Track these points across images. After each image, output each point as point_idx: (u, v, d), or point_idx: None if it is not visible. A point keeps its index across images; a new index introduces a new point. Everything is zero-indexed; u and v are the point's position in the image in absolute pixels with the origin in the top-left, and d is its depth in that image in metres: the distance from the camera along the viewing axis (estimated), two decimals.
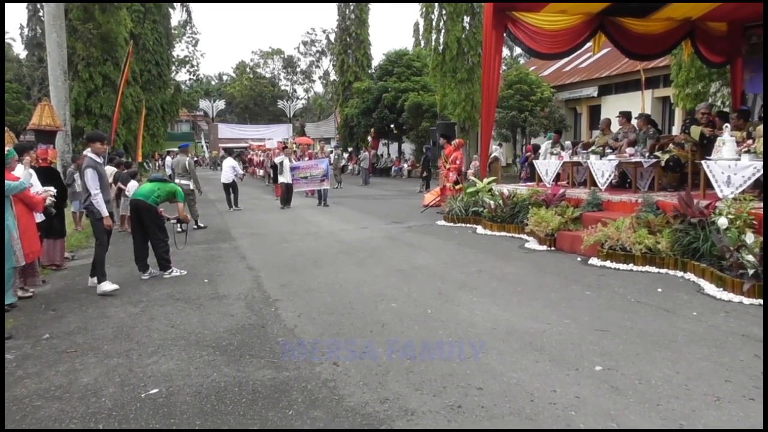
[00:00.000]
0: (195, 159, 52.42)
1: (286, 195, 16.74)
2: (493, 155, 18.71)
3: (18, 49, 45.10)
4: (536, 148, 16.46)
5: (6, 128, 10.62)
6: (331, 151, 30.22)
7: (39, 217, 7.61)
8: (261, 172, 30.92)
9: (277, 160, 18.25)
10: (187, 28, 56.63)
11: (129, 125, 21.47)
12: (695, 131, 9.56)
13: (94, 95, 19.52)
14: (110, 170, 12.90)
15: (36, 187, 7.28)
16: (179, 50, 57.08)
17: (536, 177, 12.88)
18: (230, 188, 16.84)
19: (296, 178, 16.83)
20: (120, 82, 16.77)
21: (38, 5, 31.60)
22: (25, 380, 4.31)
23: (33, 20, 37.03)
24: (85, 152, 7.28)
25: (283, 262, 8.68)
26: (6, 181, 6.16)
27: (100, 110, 19.43)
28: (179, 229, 8.43)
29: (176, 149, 18.00)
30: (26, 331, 5.53)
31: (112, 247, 10.48)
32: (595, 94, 23.29)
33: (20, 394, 4.06)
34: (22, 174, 6.49)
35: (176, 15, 48.40)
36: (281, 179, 16.97)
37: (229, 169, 17.15)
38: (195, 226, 12.38)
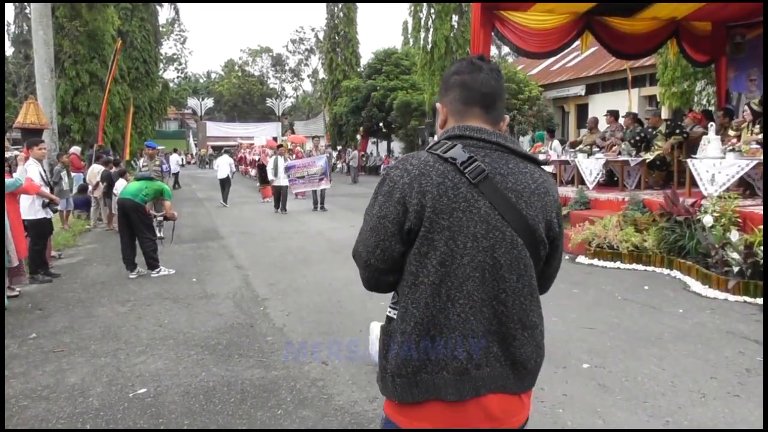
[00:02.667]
0: (182, 158, 52.04)
1: (280, 198, 15.21)
2: None
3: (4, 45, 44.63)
4: None
5: None
6: (311, 150, 30.07)
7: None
8: (254, 172, 30.69)
9: (270, 161, 17.02)
10: (175, 25, 56.24)
11: (116, 123, 21.28)
12: (665, 144, 9.75)
13: (80, 93, 19.32)
14: (97, 168, 12.83)
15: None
16: (167, 48, 56.66)
17: None
18: (224, 184, 17.68)
19: (292, 178, 15.11)
20: (107, 80, 16.62)
21: (25, 2, 31.33)
22: (11, 380, 4.27)
23: (19, 17, 36.60)
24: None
25: (271, 260, 8.66)
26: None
27: (87, 108, 19.22)
28: (160, 235, 8.27)
29: (162, 147, 18.17)
30: (12, 331, 5.48)
31: (98, 246, 10.46)
32: (583, 92, 23.40)
33: (7, 394, 4.03)
34: (18, 171, 6.46)
35: (164, 13, 48.07)
36: (276, 181, 15.28)
37: (226, 165, 18.14)
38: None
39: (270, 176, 15.60)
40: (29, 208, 7.41)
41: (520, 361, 1.64)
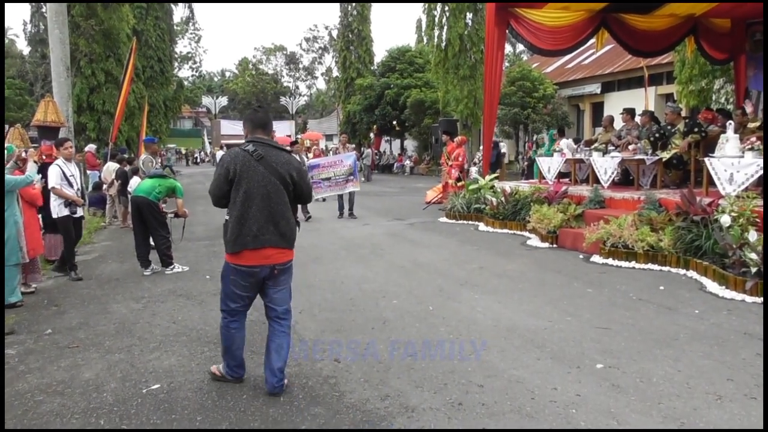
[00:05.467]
0: (191, 155, 51.98)
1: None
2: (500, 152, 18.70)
3: (21, 45, 45.19)
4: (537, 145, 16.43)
5: (18, 127, 10.62)
6: (336, 148, 29.92)
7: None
8: None
9: None
10: (190, 24, 56.61)
11: (131, 121, 21.45)
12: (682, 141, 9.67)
13: (96, 91, 19.49)
14: (113, 167, 12.94)
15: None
16: (182, 47, 57.06)
17: (539, 174, 12.88)
18: None
19: (316, 180, 12.98)
20: (124, 79, 16.72)
21: (41, 2, 31.61)
22: (27, 375, 4.32)
23: (36, 16, 36.97)
24: None
25: None
26: (11, 176, 6.20)
27: (103, 106, 19.40)
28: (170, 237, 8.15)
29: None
30: (28, 327, 5.54)
31: (113, 243, 10.54)
32: (598, 90, 23.24)
33: (22, 389, 4.07)
34: (29, 168, 6.51)
35: (179, 11, 48.41)
36: None
37: None
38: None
39: None
40: (54, 207, 7.52)
41: (283, 233, 3.83)
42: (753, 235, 6.31)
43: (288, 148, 4.10)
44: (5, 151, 6.52)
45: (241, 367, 4.08)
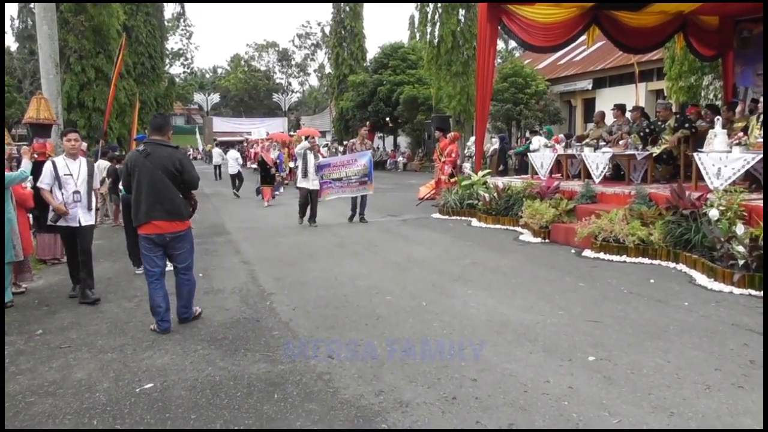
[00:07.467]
0: (189, 153, 51.91)
1: (307, 205, 11.89)
2: (493, 148, 18.74)
3: (9, 41, 44.78)
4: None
5: None
6: (326, 144, 29.81)
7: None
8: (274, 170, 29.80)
9: (298, 157, 12.28)
10: (181, 20, 56.30)
11: (122, 119, 21.28)
12: (672, 136, 9.75)
13: (86, 88, 19.32)
14: (104, 164, 12.87)
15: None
16: (173, 43, 56.68)
17: (530, 169, 12.94)
18: (236, 178, 19.72)
19: (326, 180, 11.96)
20: (113, 75, 16.62)
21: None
22: (18, 376, 4.30)
23: (24, 12, 36.65)
24: None
25: (278, 255, 8.68)
26: (7, 173, 6.17)
27: (93, 103, 19.24)
28: None
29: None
30: (19, 327, 5.51)
31: (104, 241, 10.50)
32: (590, 87, 23.30)
33: (13, 390, 4.05)
34: (23, 164, 6.48)
35: (170, 8, 48.14)
36: (304, 183, 11.84)
37: (234, 161, 19.88)
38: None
39: (299, 180, 12.05)
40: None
41: (168, 210, 5.19)
42: (740, 229, 6.37)
43: (174, 144, 5.43)
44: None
45: (164, 321, 5.26)
